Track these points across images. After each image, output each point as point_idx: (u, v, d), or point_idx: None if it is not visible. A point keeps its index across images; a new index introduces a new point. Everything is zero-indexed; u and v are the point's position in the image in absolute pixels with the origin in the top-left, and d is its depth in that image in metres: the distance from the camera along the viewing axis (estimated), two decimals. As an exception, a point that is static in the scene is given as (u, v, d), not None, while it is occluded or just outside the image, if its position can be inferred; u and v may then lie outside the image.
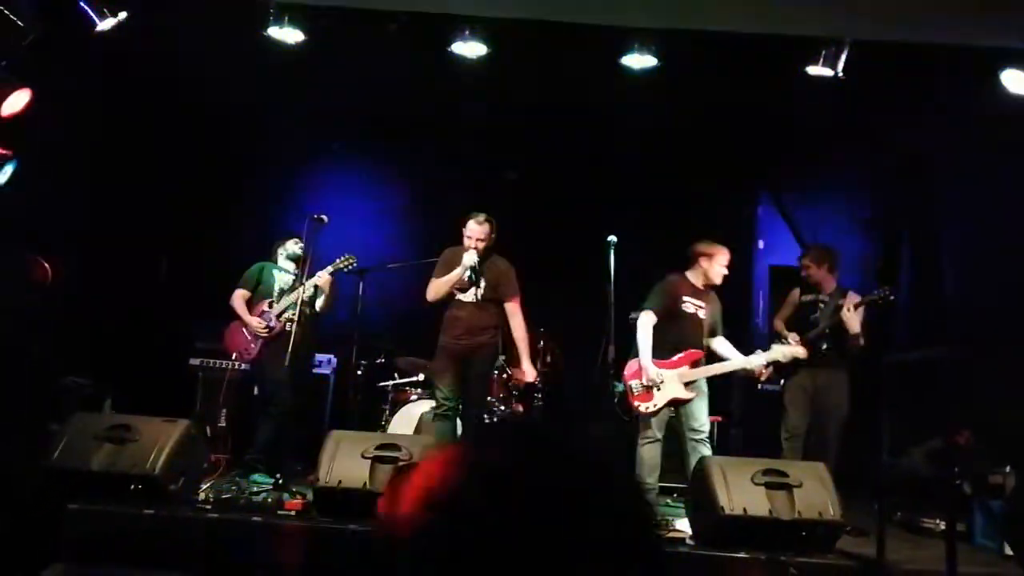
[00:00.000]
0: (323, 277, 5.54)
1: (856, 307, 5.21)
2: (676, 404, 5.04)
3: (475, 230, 5.19)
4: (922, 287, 6.33)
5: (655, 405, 4.99)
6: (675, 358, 5.06)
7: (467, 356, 5.21)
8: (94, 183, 5.76)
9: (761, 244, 7.44)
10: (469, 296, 5.23)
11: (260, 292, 5.69)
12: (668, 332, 5.08)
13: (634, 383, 5.05)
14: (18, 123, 4.74)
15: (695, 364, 5.09)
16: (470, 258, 5.15)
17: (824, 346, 5.35)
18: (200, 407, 6.17)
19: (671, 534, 4.40)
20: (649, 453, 5.03)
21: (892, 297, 5.25)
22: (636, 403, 5.03)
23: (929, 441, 5.15)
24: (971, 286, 5.87)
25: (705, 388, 5.15)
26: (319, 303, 5.64)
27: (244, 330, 5.64)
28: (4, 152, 4.76)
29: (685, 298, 5.15)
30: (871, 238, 6.82)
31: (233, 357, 5.73)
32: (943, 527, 4.69)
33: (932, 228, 6.38)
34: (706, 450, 4.99)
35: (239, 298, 5.68)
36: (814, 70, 5.24)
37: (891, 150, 6.40)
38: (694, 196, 6.85)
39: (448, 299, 5.28)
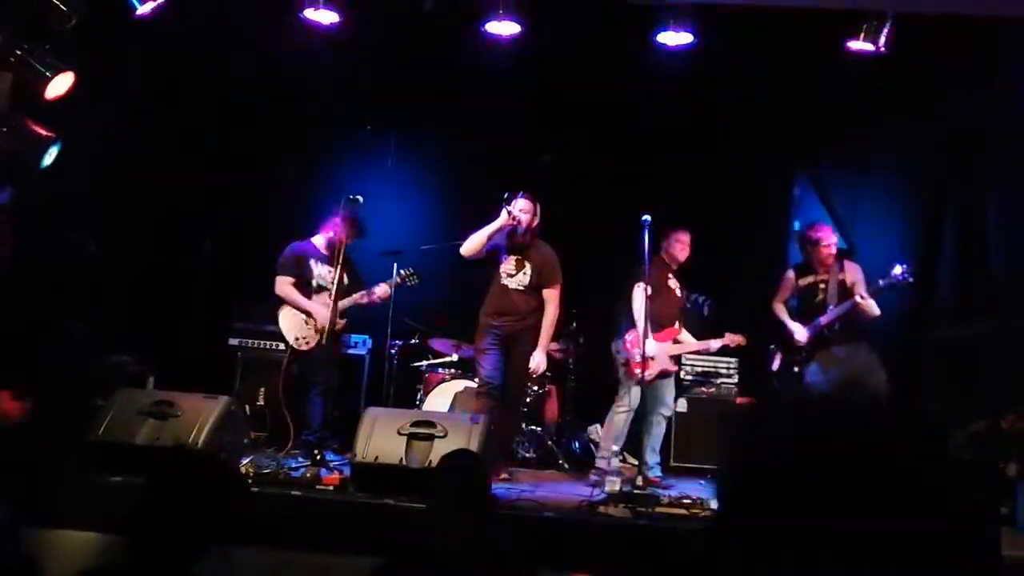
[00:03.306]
0: (383, 289, 5.63)
1: (877, 293, 5.17)
2: (664, 376, 5.45)
3: (523, 204, 5.21)
4: (966, 264, 6.18)
5: (651, 374, 5.27)
6: (661, 333, 5.42)
7: (512, 336, 5.26)
8: (136, 163, 5.84)
9: (797, 225, 7.31)
10: (515, 283, 5.26)
11: (300, 283, 5.60)
12: (654, 306, 5.24)
13: (637, 351, 5.20)
14: (62, 106, 4.83)
15: (676, 341, 5.58)
16: (515, 207, 5.15)
17: (836, 326, 5.30)
18: (238, 386, 6.26)
19: (704, 513, 4.39)
20: (623, 421, 5.34)
21: (911, 279, 5.16)
22: (638, 370, 5.17)
23: (972, 423, 5.05)
24: (1018, 263, 5.72)
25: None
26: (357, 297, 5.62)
27: (306, 320, 5.55)
28: (49, 134, 4.85)
29: (670, 276, 5.53)
30: (912, 216, 6.66)
31: (294, 341, 5.58)
32: (986, 510, 4.59)
33: (978, 204, 6.20)
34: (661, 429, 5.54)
35: (287, 284, 5.57)
36: (855, 45, 5.13)
37: (934, 127, 6.23)
38: (730, 177, 6.76)
39: (493, 279, 5.29)
